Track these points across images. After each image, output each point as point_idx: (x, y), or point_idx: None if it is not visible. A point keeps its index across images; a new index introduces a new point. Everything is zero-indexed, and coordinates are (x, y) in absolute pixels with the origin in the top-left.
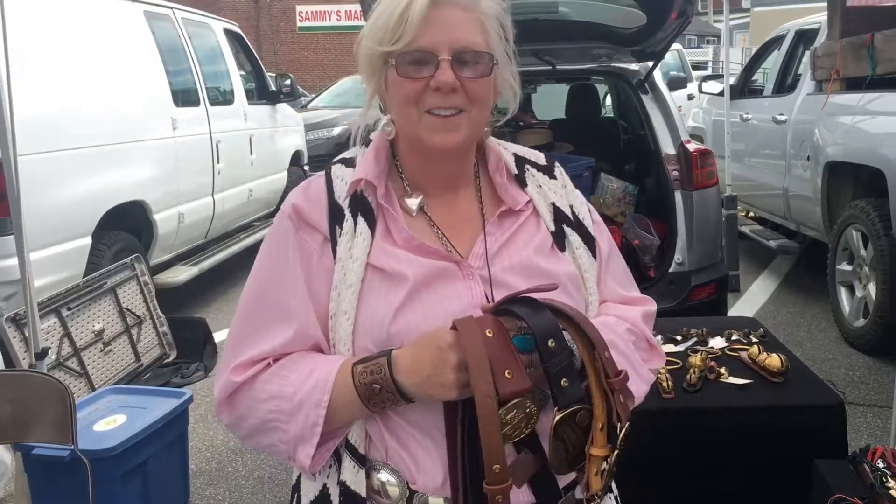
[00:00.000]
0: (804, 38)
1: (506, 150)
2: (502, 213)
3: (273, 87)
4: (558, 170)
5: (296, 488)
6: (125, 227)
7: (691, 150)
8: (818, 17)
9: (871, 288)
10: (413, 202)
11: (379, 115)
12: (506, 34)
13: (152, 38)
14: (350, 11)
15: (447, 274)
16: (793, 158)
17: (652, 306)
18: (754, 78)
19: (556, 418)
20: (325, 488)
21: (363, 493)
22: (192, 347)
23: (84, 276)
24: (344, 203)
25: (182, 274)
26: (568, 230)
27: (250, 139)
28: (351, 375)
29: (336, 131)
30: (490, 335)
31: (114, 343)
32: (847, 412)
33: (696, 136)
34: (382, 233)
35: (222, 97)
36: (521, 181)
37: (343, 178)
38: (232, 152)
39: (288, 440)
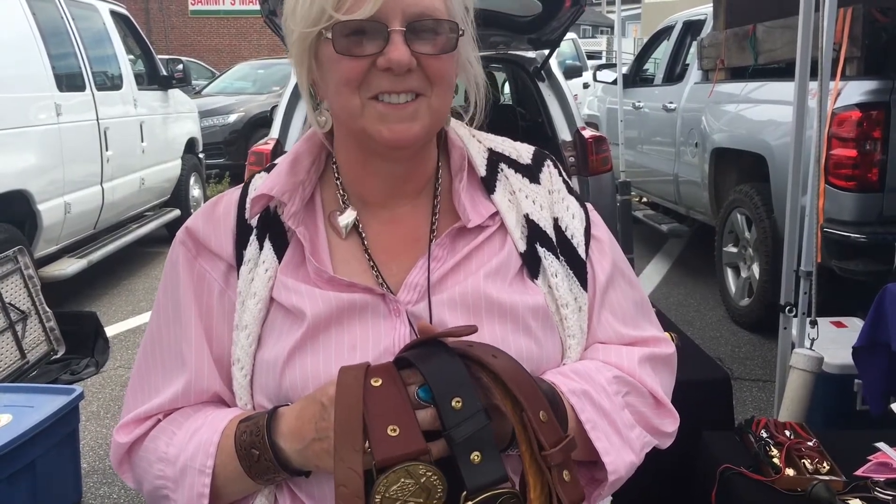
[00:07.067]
0: (692, 28)
1: (478, 145)
2: (455, 231)
3: (164, 72)
4: (547, 171)
5: None
6: (6, 219)
7: (587, 136)
8: (704, 9)
9: (755, 268)
10: (344, 219)
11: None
12: (466, 4)
13: (32, 20)
14: None
15: (365, 311)
16: (682, 145)
17: (663, 349)
18: (646, 67)
19: None
20: None
21: None
22: (83, 343)
23: None
24: (253, 223)
25: (70, 266)
26: (542, 251)
27: (141, 126)
28: (234, 437)
29: (232, 118)
30: (377, 384)
31: None
32: (733, 386)
33: (592, 123)
34: (293, 261)
35: (110, 82)
36: (489, 186)
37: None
38: (121, 139)
39: None
